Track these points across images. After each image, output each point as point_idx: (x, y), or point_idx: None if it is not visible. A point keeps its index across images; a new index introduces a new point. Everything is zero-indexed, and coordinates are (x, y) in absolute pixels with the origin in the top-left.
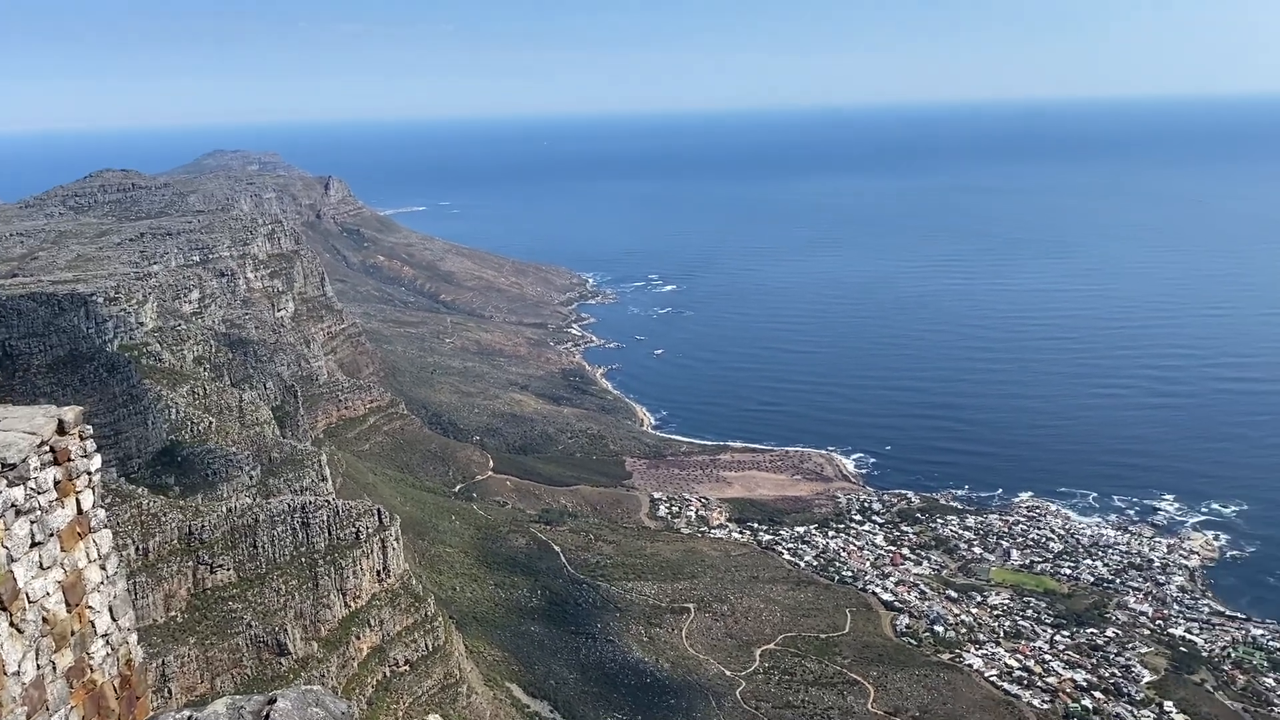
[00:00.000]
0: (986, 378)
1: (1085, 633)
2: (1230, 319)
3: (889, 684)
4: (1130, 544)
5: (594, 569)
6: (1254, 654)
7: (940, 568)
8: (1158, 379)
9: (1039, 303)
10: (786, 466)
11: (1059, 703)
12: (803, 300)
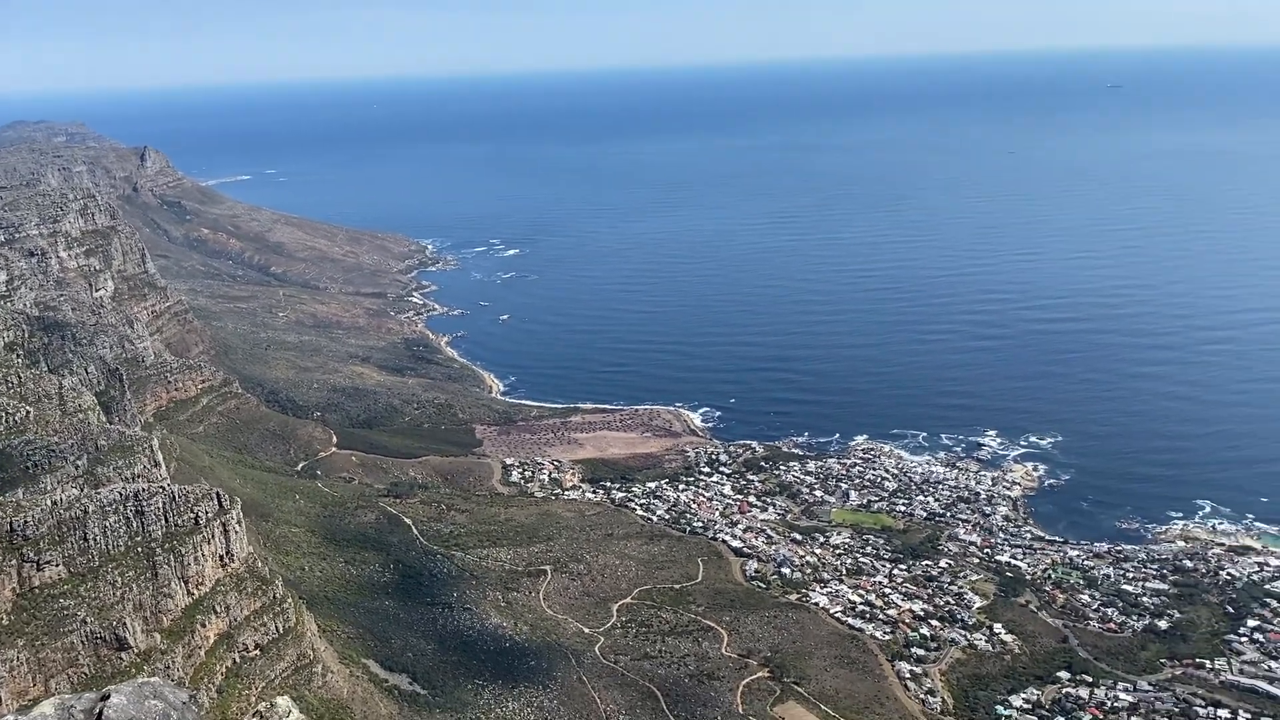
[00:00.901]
0: (822, 329)
1: (920, 565)
2: (1040, 263)
3: (741, 627)
4: (958, 479)
5: (447, 539)
6: (1071, 574)
7: (785, 512)
8: (977, 323)
9: (868, 255)
10: (636, 425)
11: (899, 633)
12: (646, 260)
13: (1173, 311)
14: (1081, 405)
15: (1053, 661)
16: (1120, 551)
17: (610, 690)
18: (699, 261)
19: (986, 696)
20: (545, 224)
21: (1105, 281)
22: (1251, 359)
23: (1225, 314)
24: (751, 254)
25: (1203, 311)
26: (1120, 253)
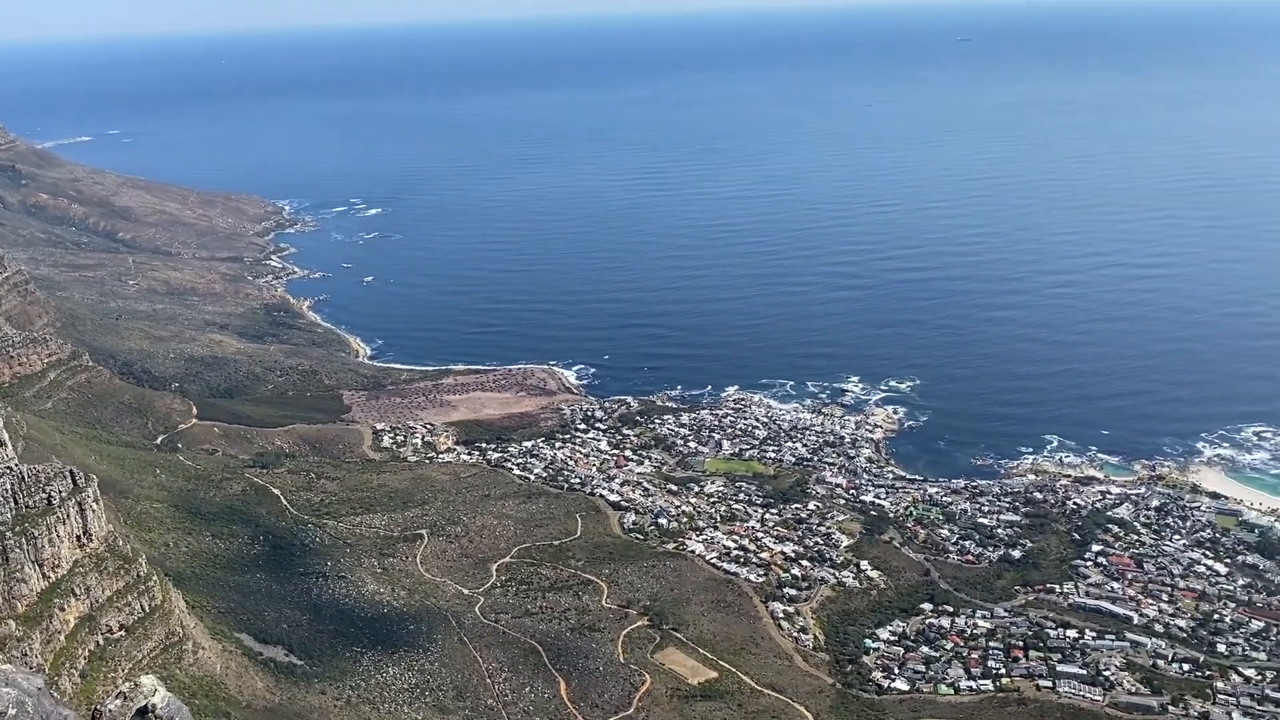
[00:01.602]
0: (691, 283)
1: (791, 508)
2: (897, 214)
3: (621, 579)
4: (824, 425)
5: (318, 508)
6: (931, 510)
7: (661, 465)
8: (839, 274)
9: (734, 209)
10: (510, 385)
11: (772, 575)
12: (513, 218)
13: (1020, 258)
14: (937, 350)
15: (916, 594)
16: (976, 487)
17: (492, 649)
18: (567, 218)
19: (855, 631)
20: (408, 182)
21: (958, 231)
22: (1092, 300)
23: (1068, 258)
24: (620, 210)
25: (1048, 257)
26: (971, 202)
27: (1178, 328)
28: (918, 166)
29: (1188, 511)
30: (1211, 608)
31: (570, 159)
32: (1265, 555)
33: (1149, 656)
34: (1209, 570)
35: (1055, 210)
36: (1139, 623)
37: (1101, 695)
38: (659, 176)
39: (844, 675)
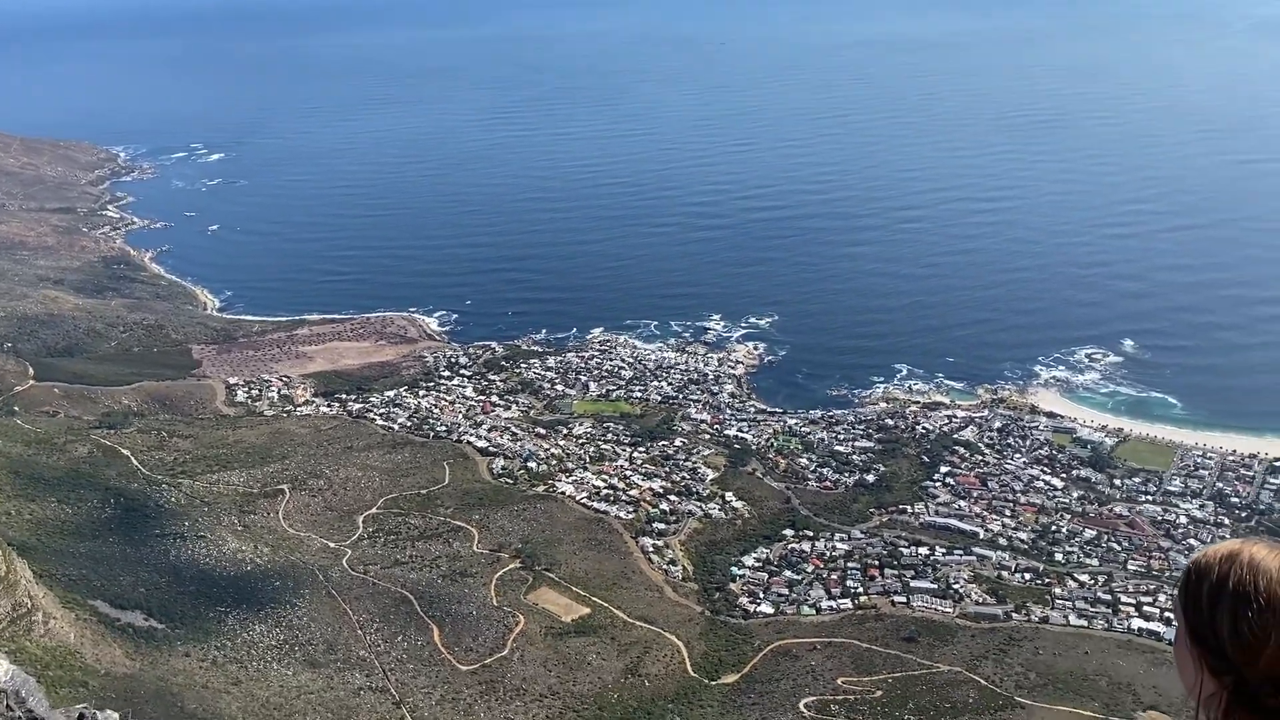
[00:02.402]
0: (552, 226)
1: (658, 446)
2: (753, 153)
3: (491, 523)
4: (688, 363)
5: (172, 467)
6: (791, 441)
7: (528, 409)
8: (698, 214)
9: (592, 150)
10: (369, 333)
11: (641, 511)
12: (366, 161)
13: (871, 195)
14: (795, 286)
15: (778, 521)
16: (832, 417)
17: (362, 600)
18: (422, 161)
19: (722, 559)
20: (252, 125)
21: (811, 169)
22: (938, 234)
23: (915, 194)
24: (475, 151)
25: (896, 193)
26: (822, 141)
27: (1016, 258)
28: (771, 105)
29: (1027, 431)
30: (1049, 520)
31: (423, 99)
32: (1097, 469)
33: (994, 568)
34: (1047, 485)
35: (903, 147)
36: (984, 537)
37: (952, 607)
38: (514, 116)
39: (712, 603)
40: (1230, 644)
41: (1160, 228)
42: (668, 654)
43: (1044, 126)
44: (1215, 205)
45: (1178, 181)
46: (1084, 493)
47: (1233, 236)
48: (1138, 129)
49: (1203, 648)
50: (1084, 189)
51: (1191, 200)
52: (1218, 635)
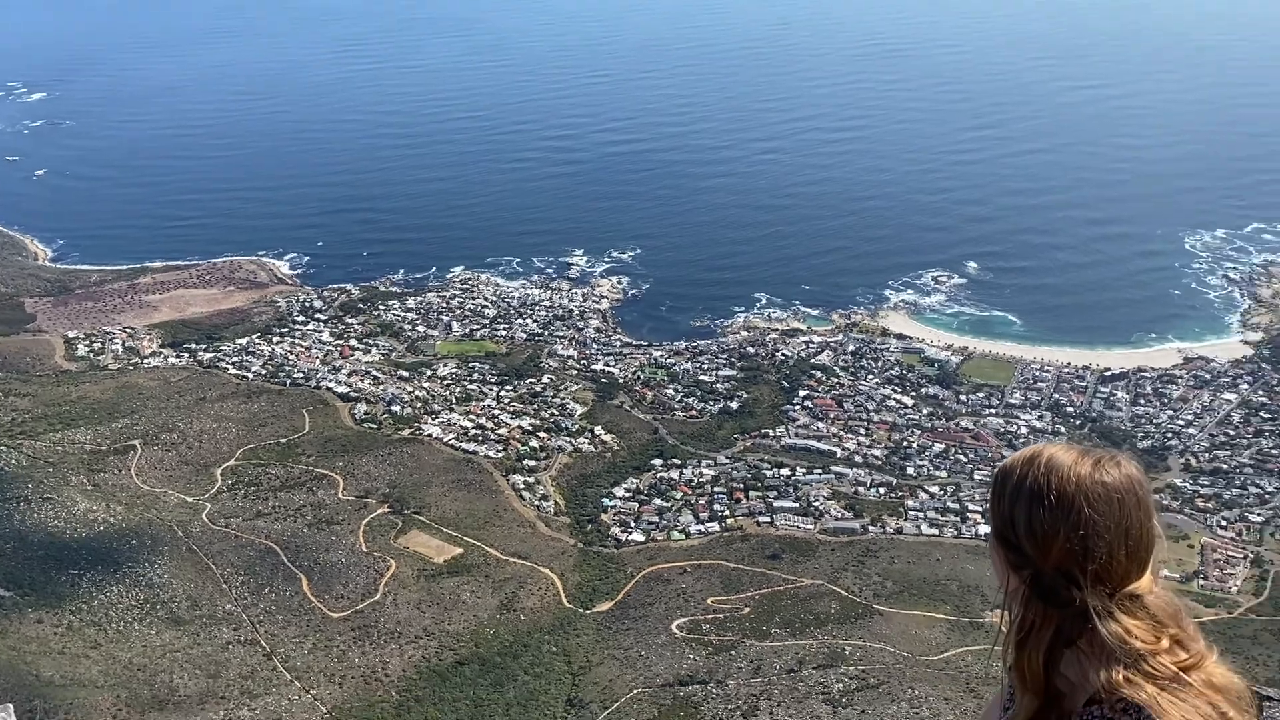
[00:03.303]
0: (406, 163)
1: (525, 384)
2: (609, 85)
3: (357, 470)
4: (553, 299)
5: (11, 428)
6: (657, 372)
7: (390, 351)
8: (557, 148)
9: (444, 83)
10: (217, 279)
11: (510, 449)
12: (205, 98)
13: (727, 126)
14: (656, 220)
15: (647, 452)
16: (696, 347)
17: (225, 554)
18: (267, 97)
19: (593, 492)
20: (79, 60)
21: (668, 101)
22: (794, 164)
23: (771, 125)
24: (322, 86)
25: (753, 124)
26: (678, 72)
27: (867, 187)
28: (626, 35)
29: (879, 353)
30: (901, 436)
31: (263, 30)
32: (943, 386)
33: (851, 485)
34: (898, 403)
35: (758, 79)
36: (841, 456)
37: (813, 524)
38: (361, 47)
39: (585, 535)
40: (1026, 540)
41: (1001, 153)
42: (542, 587)
43: (894, 56)
44: (1051, 131)
45: (1017, 108)
46: (932, 409)
47: (1066, 161)
48: (981, 58)
49: (1005, 546)
50: (929, 118)
51: (1030, 126)
52: (1016, 533)
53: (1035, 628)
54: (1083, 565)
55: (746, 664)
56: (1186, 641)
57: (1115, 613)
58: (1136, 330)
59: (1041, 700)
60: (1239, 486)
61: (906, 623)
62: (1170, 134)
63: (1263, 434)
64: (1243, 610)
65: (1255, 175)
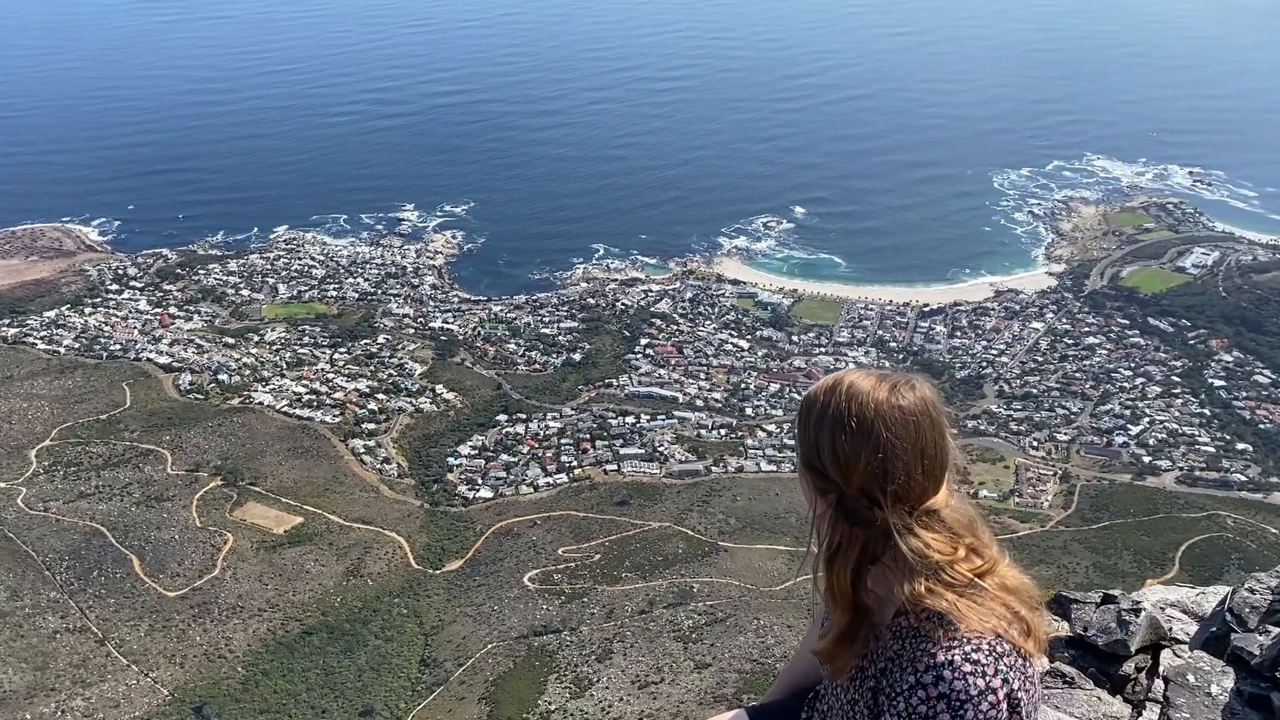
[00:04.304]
0: (219, 120)
1: (360, 345)
2: (432, 34)
3: (185, 443)
4: (384, 256)
5: None
6: (498, 327)
7: (213, 318)
8: (380, 100)
9: (256, 34)
10: (18, 249)
11: (349, 412)
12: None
13: (556, 76)
14: (489, 172)
15: (491, 408)
16: (536, 300)
17: (47, 539)
18: (61, 52)
19: (438, 451)
20: None
21: (494, 51)
22: (625, 114)
23: (601, 75)
24: (122, 39)
25: (582, 74)
26: (503, 20)
27: (697, 136)
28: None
29: (715, 299)
30: (739, 379)
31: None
32: (777, 328)
33: (693, 428)
34: (735, 347)
35: (584, 26)
36: (683, 401)
37: (659, 469)
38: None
39: (431, 495)
40: (831, 466)
41: (823, 100)
42: (389, 551)
43: (713, 4)
44: (869, 78)
45: (837, 55)
46: (767, 351)
47: (884, 106)
48: (799, 4)
49: (812, 472)
50: (754, 65)
51: (849, 74)
52: (822, 459)
53: (842, 548)
54: (883, 486)
55: (599, 609)
56: (981, 549)
57: (914, 528)
58: (952, 267)
59: (851, 615)
60: (1047, 409)
61: (750, 556)
62: (978, 78)
63: (1067, 359)
64: (1054, 523)
65: (1055, 116)
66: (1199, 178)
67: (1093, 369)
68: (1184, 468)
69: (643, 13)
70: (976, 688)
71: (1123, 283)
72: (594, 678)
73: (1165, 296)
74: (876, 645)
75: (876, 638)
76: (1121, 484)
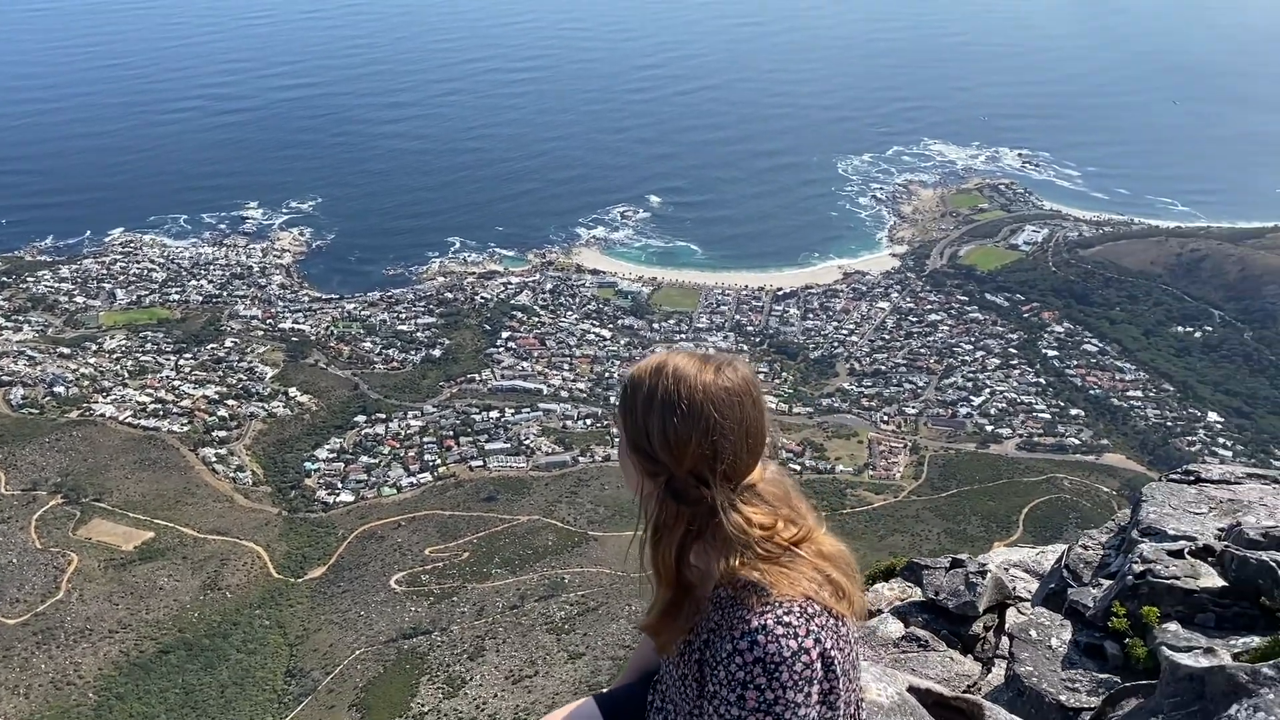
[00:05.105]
0: (42, 119)
1: (207, 350)
2: (272, 25)
3: (20, 461)
4: (229, 256)
5: None
6: (352, 326)
7: (45, 327)
8: (219, 96)
9: (80, 25)
10: None
11: (197, 421)
12: None
13: (404, 68)
14: (336, 167)
15: (349, 409)
16: (391, 296)
17: None
18: None
19: (294, 457)
20: None
21: (339, 41)
22: (476, 106)
23: (450, 65)
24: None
25: (431, 65)
26: (346, 9)
27: (552, 127)
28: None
29: (576, 289)
30: (603, 368)
31: None
32: (637, 316)
33: (559, 420)
34: (597, 336)
35: (430, 18)
36: (548, 393)
37: (525, 462)
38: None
39: (289, 502)
40: (661, 449)
41: (674, 91)
42: (248, 561)
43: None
44: (717, 67)
45: (686, 45)
46: (629, 339)
47: (734, 96)
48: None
49: (639, 454)
50: (606, 56)
51: (698, 63)
52: (651, 443)
53: (668, 527)
54: (713, 467)
55: (469, 607)
56: (797, 519)
57: (737, 504)
58: (803, 251)
59: (674, 591)
60: (896, 384)
61: (620, 544)
62: (820, 68)
63: (912, 336)
64: (906, 494)
65: (893, 104)
66: (1027, 159)
67: (936, 344)
68: (1023, 434)
69: (490, 4)
70: (790, 649)
71: (961, 261)
72: (467, 676)
73: (1000, 273)
74: (700, 618)
75: (700, 611)
76: (967, 453)
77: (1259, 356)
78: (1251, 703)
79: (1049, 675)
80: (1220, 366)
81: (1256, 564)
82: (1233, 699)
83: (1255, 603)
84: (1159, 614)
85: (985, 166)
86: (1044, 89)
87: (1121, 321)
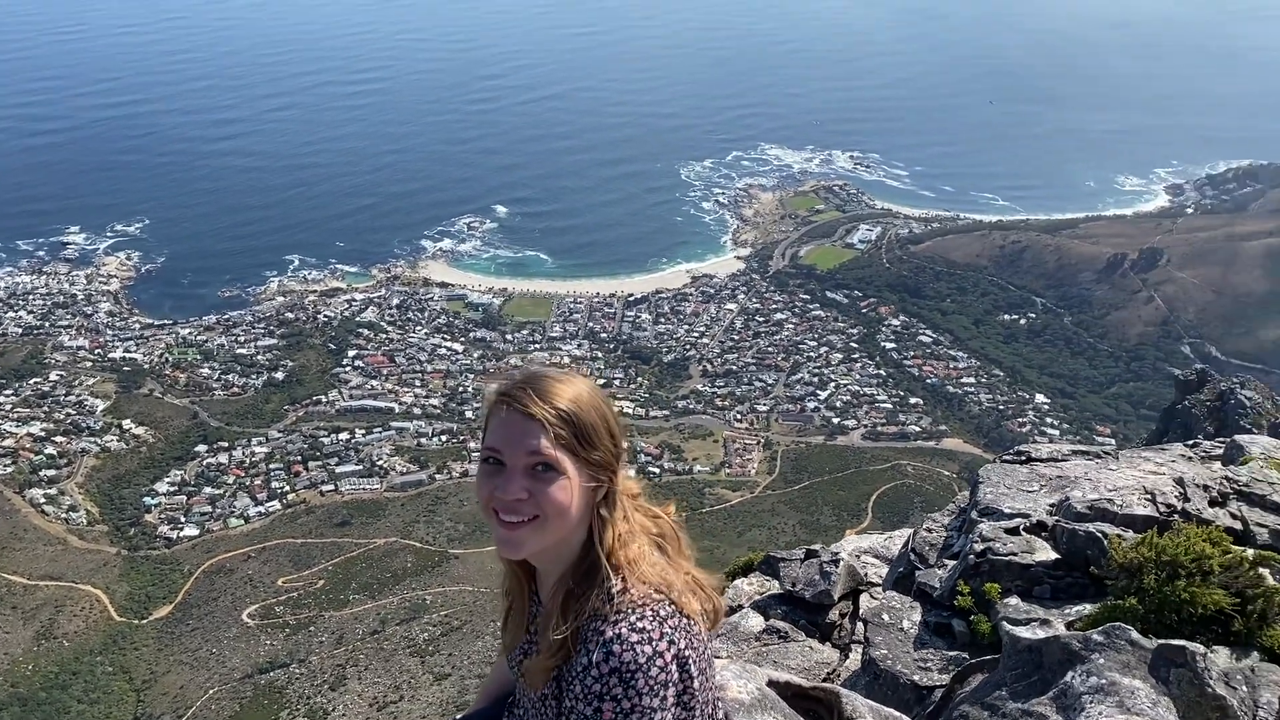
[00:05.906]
0: None
1: (29, 384)
2: (83, 40)
3: None
4: (50, 285)
5: None
6: (188, 352)
7: None
8: (29, 116)
9: None
10: None
11: (22, 460)
12: None
13: (232, 82)
14: (162, 188)
15: (188, 439)
16: (229, 319)
17: None
18: None
19: (132, 492)
20: None
21: (158, 59)
22: (309, 121)
23: (282, 79)
24: None
25: (261, 80)
26: (166, 24)
27: (391, 140)
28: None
29: (424, 304)
30: (456, 382)
31: None
32: (490, 328)
33: (413, 438)
34: (449, 351)
35: (259, 31)
36: (400, 410)
37: (379, 483)
38: None
39: (129, 540)
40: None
41: (516, 100)
42: (86, 606)
43: (402, 5)
44: (558, 77)
45: (526, 55)
46: (482, 351)
47: (576, 106)
48: (484, 3)
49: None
50: (445, 67)
51: (539, 73)
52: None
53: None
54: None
55: (328, 636)
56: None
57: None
58: (651, 257)
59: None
60: (747, 383)
61: (481, 560)
62: (658, 76)
63: (759, 335)
64: (761, 489)
65: (730, 111)
66: (859, 161)
67: (783, 342)
68: (868, 425)
69: (320, 15)
70: (645, 655)
71: (802, 261)
72: (329, 707)
73: (839, 271)
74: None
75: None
76: (816, 445)
77: (1078, 340)
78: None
79: (902, 656)
80: (1044, 351)
81: (1084, 536)
82: (1067, 666)
83: (1086, 573)
84: (1000, 589)
85: (820, 169)
86: (872, 93)
87: (953, 312)
